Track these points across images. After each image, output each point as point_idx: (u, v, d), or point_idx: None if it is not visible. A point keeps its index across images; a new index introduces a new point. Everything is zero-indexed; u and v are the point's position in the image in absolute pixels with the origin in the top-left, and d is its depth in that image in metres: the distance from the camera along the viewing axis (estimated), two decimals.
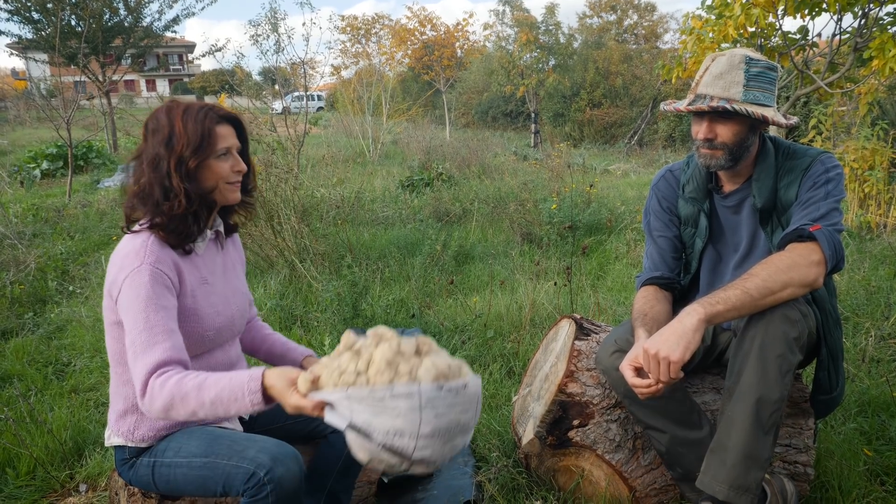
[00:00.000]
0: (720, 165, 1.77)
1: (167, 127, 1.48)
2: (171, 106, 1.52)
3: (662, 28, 28.76)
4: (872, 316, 3.56)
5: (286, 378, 1.31)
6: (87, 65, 13.00)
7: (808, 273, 1.57)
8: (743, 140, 1.74)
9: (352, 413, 1.17)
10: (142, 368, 1.37)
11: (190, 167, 1.48)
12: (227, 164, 1.54)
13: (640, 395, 1.64)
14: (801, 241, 1.62)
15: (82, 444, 2.44)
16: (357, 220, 6.24)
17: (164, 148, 1.47)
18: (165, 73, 49.62)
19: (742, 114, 1.67)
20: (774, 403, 1.56)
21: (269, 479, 1.37)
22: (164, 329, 1.40)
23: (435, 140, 13.60)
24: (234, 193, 1.58)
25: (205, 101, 1.58)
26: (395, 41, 23.31)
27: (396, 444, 1.15)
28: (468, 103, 28.70)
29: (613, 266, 4.83)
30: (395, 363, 1.18)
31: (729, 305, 1.55)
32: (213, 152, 1.51)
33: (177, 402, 1.33)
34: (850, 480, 2.03)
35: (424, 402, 1.15)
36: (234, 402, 1.32)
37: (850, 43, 4.90)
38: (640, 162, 14.52)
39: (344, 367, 1.21)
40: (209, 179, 1.53)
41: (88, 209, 7.30)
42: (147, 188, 1.49)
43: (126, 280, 1.42)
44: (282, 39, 9.41)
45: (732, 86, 1.70)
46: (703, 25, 5.23)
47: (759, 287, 1.55)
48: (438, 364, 1.20)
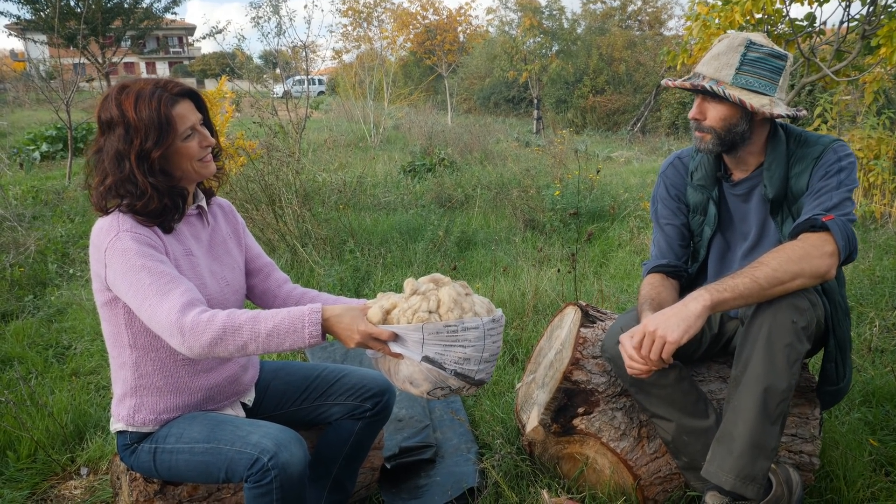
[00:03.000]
0: (709, 149, 1.74)
1: (121, 119, 1.39)
2: (119, 95, 1.42)
3: (667, 14, 28.49)
4: (877, 306, 3.55)
5: (356, 309, 1.35)
6: (87, 46, 12.89)
7: (820, 264, 1.54)
8: (732, 125, 1.70)
9: (423, 347, 1.33)
10: (167, 313, 1.31)
11: (153, 159, 1.40)
12: (195, 143, 1.47)
13: (629, 369, 1.62)
14: (813, 231, 1.59)
15: (83, 427, 2.43)
16: (359, 204, 6.20)
17: (123, 143, 1.39)
18: (165, 56, 49.27)
19: (719, 96, 1.64)
20: (782, 393, 1.54)
21: (273, 464, 1.35)
22: (171, 276, 1.37)
23: (436, 125, 13.51)
24: (207, 168, 1.52)
25: (154, 78, 1.48)
26: (397, 25, 23.09)
27: (465, 369, 1.35)
28: (470, 89, 28.51)
29: (616, 253, 4.80)
30: (460, 302, 1.37)
31: (736, 293, 1.53)
32: (177, 136, 1.43)
33: (228, 335, 1.30)
34: (855, 471, 2.02)
35: (486, 332, 1.36)
36: (292, 334, 1.32)
37: (858, 30, 4.83)
38: (642, 149, 14.45)
39: (416, 307, 1.35)
40: (178, 164, 1.46)
41: (88, 191, 7.25)
42: (114, 187, 1.43)
43: (108, 252, 1.38)
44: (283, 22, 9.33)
45: (725, 68, 1.67)
46: (709, 11, 5.16)
47: (768, 276, 1.52)
48: (483, 301, 1.44)
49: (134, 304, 1.36)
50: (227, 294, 1.62)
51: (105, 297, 1.46)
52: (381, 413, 1.78)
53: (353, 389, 1.76)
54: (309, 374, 1.80)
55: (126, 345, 1.49)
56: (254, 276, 1.78)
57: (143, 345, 1.49)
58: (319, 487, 1.75)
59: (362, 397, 1.75)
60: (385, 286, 3.82)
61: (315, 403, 1.78)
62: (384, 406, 1.79)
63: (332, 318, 1.34)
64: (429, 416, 2.36)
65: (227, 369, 1.62)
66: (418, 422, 2.29)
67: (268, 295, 1.78)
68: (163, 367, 1.50)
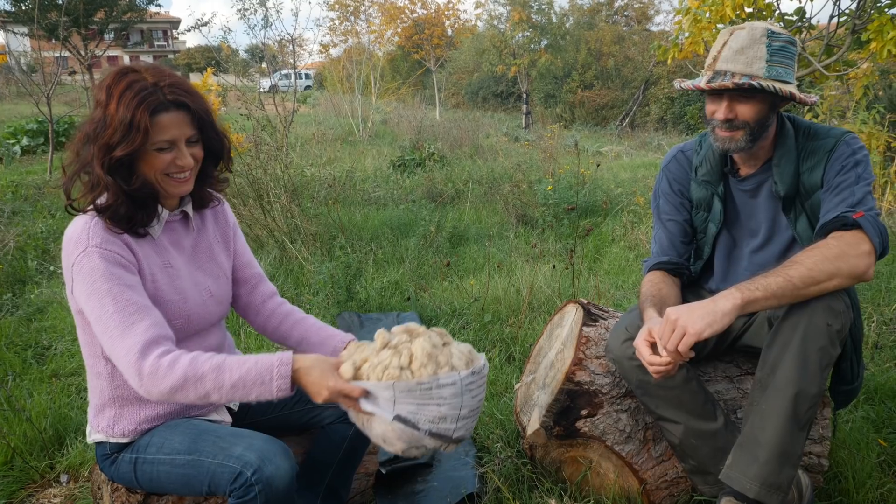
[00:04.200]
0: (739, 147, 1.66)
1: (104, 104, 1.29)
2: (115, 79, 1.30)
3: (653, 10, 28.52)
4: (873, 301, 3.51)
5: (325, 363, 1.26)
6: (68, 38, 12.65)
7: (857, 263, 1.47)
8: (764, 119, 1.64)
9: (395, 405, 1.23)
10: (126, 351, 1.23)
11: (115, 157, 1.28)
12: (168, 157, 1.32)
13: (654, 372, 1.55)
14: (845, 230, 1.52)
15: (63, 432, 2.33)
16: (348, 200, 6.10)
17: (95, 128, 1.29)
18: (150, 50, 48.72)
19: (768, 91, 1.57)
20: (812, 398, 1.48)
21: (256, 479, 1.26)
22: (137, 307, 1.27)
23: (425, 120, 13.41)
24: (176, 187, 1.37)
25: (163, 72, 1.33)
26: (385, 19, 22.91)
27: (441, 428, 1.25)
28: (458, 83, 28.41)
29: (610, 249, 4.75)
30: (434, 356, 1.26)
31: (769, 293, 1.45)
32: (148, 144, 1.29)
33: (189, 384, 1.22)
34: (864, 471, 1.97)
35: (464, 388, 1.25)
36: (259, 386, 1.24)
37: (848, 25, 4.80)
38: (632, 144, 14.45)
39: (387, 363, 1.25)
40: (142, 171, 1.33)
41: None
42: (74, 170, 1.33)
43: (75, 268, 1.28)
44: (270, 14, 9.19)
45: (755, 61, 1.59)
46: (700, 5, 5.12)
47: (803, 276, 1.46)
48: (463, 350, 1.32)
49: (96, 330, 1.27)
50: (210, 306, 1.52)
51: (77, 306, 1.37)
52: None
53: None
54: None
55: (100, 355, 1.40)
56: (240, 286, 1.66)
57: None
58: (312, 495, 1.67)
59: None
60: (377, 283, 3.73)
61: (307, 407, 1.69)
62: None
63: (302, 370, 1.25)
64: None
65: None
66: None
67: (250, 309, 1.67)
68: None
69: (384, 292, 3.67)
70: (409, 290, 3.72)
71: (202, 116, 1.36)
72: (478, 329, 3.11)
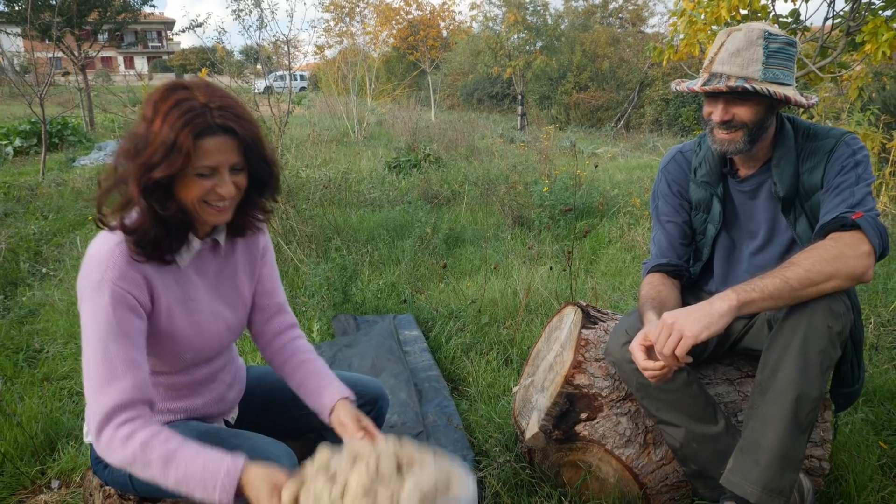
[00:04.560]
0: (738, 150, 1.64)
1: (149, 120, 1.21)
2: (164, 94, 1.22)
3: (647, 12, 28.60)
4: (870, 303, 3.51)
5: (270, 482, 1.16)
6: (62, 38, 12.59)
7: (856, 265, 1.46)
8: (762, 121, 1.62)
9: None
10: (97, 408, 1.21)
11: (153, 178, 1.19)
12: (208, 184, 1.24)
13: (650, 377, 1.53)
14: (844, 231, 1.50)
15: (54, 437, 2.29)
16: (344, 201, 6.07)
17: (134, 147, 1.21)
18: (144, 51, 48.58)
19: (763, 94, 1.55)
20: (813, 401, 1.46)
21: None
22: (124, 362, 1.22)
23: (420, 121, 13.38)
24: (213, 216, 1.29)
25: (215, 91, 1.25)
26: (380, 20, 22.92)
27: None
28: (453, 85, 28.42)
29: (606, 250, 4.73)
30: (374, 490, 1.06)
31: (765, 294, 1.44)
32: (190, 168, 1.21)
33: (137, 465, 1.19)
34: (865, 474, 1.95)
35: None
36: (202, 489, 1.17)
37: (842, 27, 4.81)
38: (627, 145, 14.46)
39: (319, 493, 1.09)
40: (180, 194, 1.25)
41: (63, 188, 7.05)
42: (110, 185, 1.26)
43: (86, 294, 1.24)
44: (265, 15, 9.15)
45: (751, 63, 1.57)
46: (695, 7, 5.12)
47: (800, 277, 1.44)
48: (423, 483, 1.07)
49: (83, 364, 1.25)
50: (224, 338, 1.47)
51: None
52: (374, 422, 1.67)
53: None
54: None
55: None
56: (255, 313, 1.59)
57: None
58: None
59: (354, 404, 1.65)
60: (373, 285, 3.70)
61: (303, 412, 1.65)
62: (377, 414, 1.68)
63: (247, 485, 1.18)
64: (422, 422, 2.26)
65: (213, 391, 1.51)
66: (411, 428, 2.19)
67: (261, 338, 1.61)
68: None
69: (380, 294, 3.64)
70: (406, 292, 3.70)
71: (249, 144, 1.27)
72: (475, 331, 3.09)
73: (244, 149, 1.26)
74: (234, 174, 1.28)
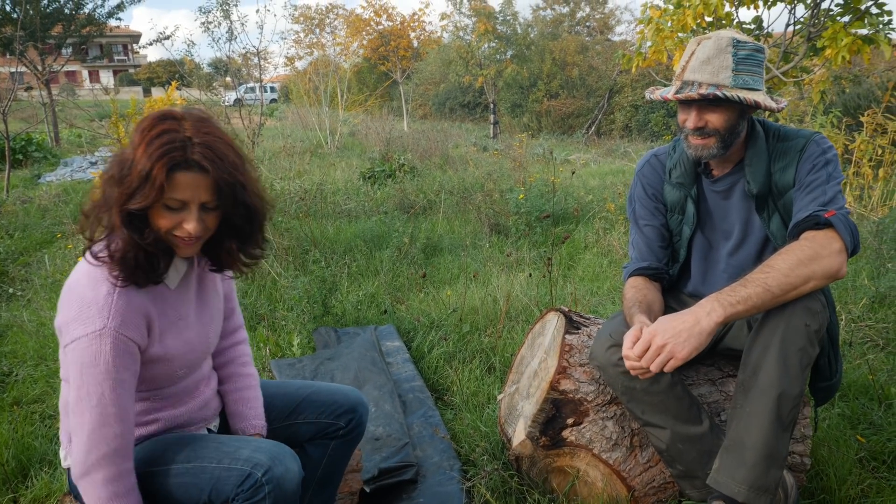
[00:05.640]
0: (712, 155, 1.69)
1: (133, 147, 1.21)
2: (151, 123, 1.23)
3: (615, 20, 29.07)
4: (841, 300, 3.58)
5: None
6: (24, 53, 12.33)
7: (831, 263, 1.50)
8: (734, 126, 1.67)
9: None
10: (85, 452, 1.24)
11: (129, 209, 1.20)
12: (176, 218, 1.24)
13: (630, 367, 1.56)
14: (817, 229, 1.54)
15: (27, 463, 2.22)
16: (319, 213, 6.03)
17: (119, 172, 1.22)
18: (110, 64, 47.82)
19: (734, 100, 1.59)
20: (795, 399, 1.49)
21: (267, 479, 1.26)
22: (116, 410, 1.25)
23: (393, 131, 13.38)
24: (181, 249, 1.29)
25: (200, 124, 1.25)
26: (351, 31, 22.91)
27: None
28: (425, 94, 28.49)
29: (583, 255, 4.77)
30: None
31: (749, 305, 1.47)
32: (160, 199, 1.21)
33: None
34: (845, 468, 1.99)
35: None
36: None
37: (803, 33, 4.94)
38: (599, 151, 14.63)
39: None
40: (157, 226, 1.25)
41: (29, 205, 6.88)
42: (94, 209, 1.27)
43: (84, 340, 1.21)
44: (234, 27, 9.10)
45: (721, 71, 1.62)
46: (661, 15, 5.22)
47: (780, 283, 1.47)
48: None
49: (71, 396, 1.26)
50: (212, 346, 1.53)
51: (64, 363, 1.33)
52: (354, 431, 1.67)
53: (324, 406, 1.64)
54: (277, 392, 1.68)
55: None
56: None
57: None
58: None
59: (334, 414, 1.64)
60: (352, 296, 3.68)
61: (284, 423, 1.65)
62: (357, 423, 1.67)
63: None
64: (407, 433, 2.24)
65: (195, 401, 1.50)
66: (397, 440, 2.17)
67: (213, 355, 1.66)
68: None
69: (360, 306, 3.62)
70: (386, 303, 3.68)
71: (222, 186, 1.24)
72: (457, 340, 3.08)
73: (217, 189, 1.24)
74: (205, 212, 1.27)
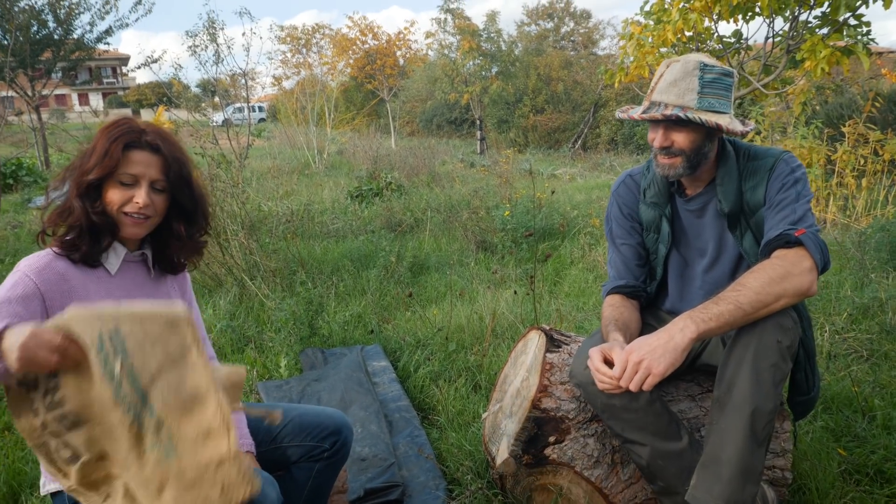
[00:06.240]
0: (678, 174, 1.74)
1: (94, 141, 1.40)
2: (113, 124, 1.41)
3: (598, 34, 29.44)
4: (825, 311, 3.62)
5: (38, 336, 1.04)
6: (15, 79, 12.34)
7: (801, 281, 1.53)
8: (700, 147, 1.71)
9: None
10: None
11: (86, 183, 1.36)
12: (128, 193, 1.37)
13: (601, 385, 1.59)
14: (788, 248, 1.58)
15: (17, 489, 2.21)
16: (307, 233, 6.05)
17: (79, 159, 1.40)
18: (99, 87, 47.84)
19: (695, 122, 1.64)
20: (768, 414, 1.51)
21: None
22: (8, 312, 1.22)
23: (381, 149, 13.45)
24: (130, 228, 1.40)
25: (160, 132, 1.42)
26: (337, 51, 23.08)
27: None
28: (412, 112, 28.67)
29: (569, 271, 4.81)
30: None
31: (721, 322, 1.51)
32: (114, 175, 1.36)
33: None
34: (827, 482, 2.01)
35: None
36: None
37: (783, 45, 5.04)
38: (585, 166, 14.74)
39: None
40: (105, 201, 1.38)
41: (20, 230, 6.87)
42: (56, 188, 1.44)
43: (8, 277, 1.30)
44: (221, 50, 9.16)
45: (687, 93, 1.67)
46: (642, 31, 5.31)
47: (752, 301, 1.51)
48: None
49: None
50: None
51: None
52: (339, 452, 1.69)
53: (309, 429, 1.67)
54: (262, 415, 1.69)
55: None
56: None
57: None
58: None
59: (319, 436, 1.67)
60: (339, 317, 3.69)
61: (271, 446, 1.67)
62: (342, 444, 1.70)
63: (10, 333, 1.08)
64: (393, 453, 2.25)
65: None
66: (382, 460, 2.18)
67: None
68: None
69: (347, 326, 3.63)
70: (373, 323, 3.69)
71: (171, 164, 1.40)
72: (443, 359, 3.10)
73: (166, 169, 1.40)
74: (155, 193, 1.41)
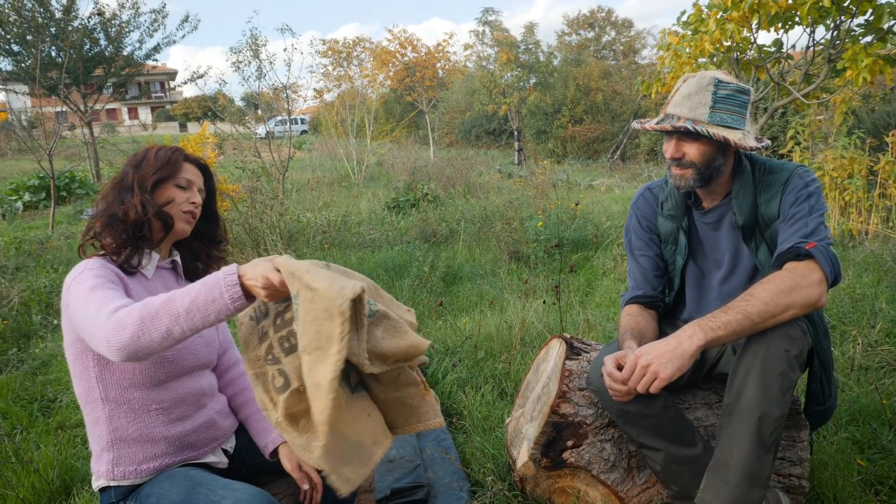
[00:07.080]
0: (690, 185, 1.80)
1: (141, 155, 1.63)
2: (152, 145, 1.69)
3: (640, 44, 29.23)
4: (858, 324, 3.59)
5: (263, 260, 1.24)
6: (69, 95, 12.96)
7: (810, 294, 1.58)
8: (711, 160, 1.77)
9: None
10: (100, 324, 1.27)
11: (150, 182, 1.57)
12: (185, 194, 1.63)
13: (611, 390, 1.66)
14: (798, 260, 1.63)
15: (70, 482, 2.39)
16: (344, 243, 6.22)
17: (133, 168, 1.60)
18: (147, 101, 49.56)
19: (703, 135, 1.70)
20: (776, 421, 1.56)
21: None
22: (115, 297, 1.35)
23: (419, 160, 13.65)
24: (184, 224, 1.64)
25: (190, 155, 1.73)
26: (377, 63, 23.48)
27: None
28: (451, 123, 28.90)
29: (601, 282, 4.84)
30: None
31: (729, 330, 1.56)
32: (174, 177, 1.61)
33: (147, 324, 1.23)
34: (845, 491, 2.03)
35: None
36: (212, 304, 1.23)
37: (824, 54, 4.99)
38: (623, 176, 14.66)
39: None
40: (165, 200, 1.60)
41: (72, 240, 7.22)
42: (106, 198, 1.59)
43: (73, 284, 1.42)
44: (263, 65, 9.46)
45: (699, 107, 1.73)
46: (679, 41, 5.32)
47: (760, 311, 1.56)
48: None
49: (80, 326, 1.34)
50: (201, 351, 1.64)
51: (75, 351, 1.48)
52: None
53: None
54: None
55: (98, 398, 1.50)
56: None
57: (114, 397, 1.49)
58: None
59: None
60: None
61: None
62: None
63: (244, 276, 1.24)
64: (419, 455, 2.35)
65: (201, 416, 1.62)
66: (409, 462, 2.28)
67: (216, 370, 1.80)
68: (136, 418, 1.51)
69: None
70: None
71: (208, 181, 1.75)
72: (471, 366, 3.19)
73: (207, 179, 1.74)
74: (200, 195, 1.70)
